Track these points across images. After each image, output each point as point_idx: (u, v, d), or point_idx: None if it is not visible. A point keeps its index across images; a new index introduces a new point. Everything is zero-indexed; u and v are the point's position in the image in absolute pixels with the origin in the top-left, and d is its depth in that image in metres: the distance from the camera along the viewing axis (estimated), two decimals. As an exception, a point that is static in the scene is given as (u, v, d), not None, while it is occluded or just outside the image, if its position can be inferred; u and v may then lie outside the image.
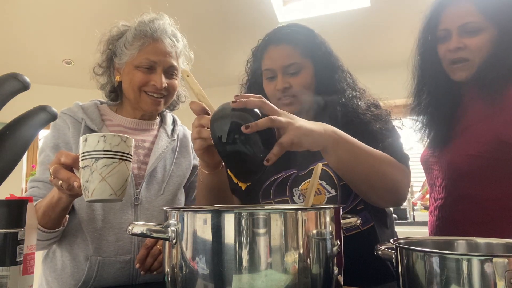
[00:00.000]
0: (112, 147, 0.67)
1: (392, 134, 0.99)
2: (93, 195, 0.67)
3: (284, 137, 0.68)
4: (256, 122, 0.65)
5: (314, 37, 1.04)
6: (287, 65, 0.99)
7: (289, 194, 1.00)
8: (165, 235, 0.55)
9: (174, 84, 1.09)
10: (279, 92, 0.99)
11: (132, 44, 1.04)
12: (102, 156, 0.66)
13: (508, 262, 0.46)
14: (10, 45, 3.57)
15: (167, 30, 1.07)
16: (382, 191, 0.88)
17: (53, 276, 1.02)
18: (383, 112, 1.03)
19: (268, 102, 0.70)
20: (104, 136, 0.67)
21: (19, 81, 0.50)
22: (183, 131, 1.24)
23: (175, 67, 1.08)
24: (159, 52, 1.04)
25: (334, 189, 0.96)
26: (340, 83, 1.03)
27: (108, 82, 1.13)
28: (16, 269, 0.54)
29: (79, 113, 1.07)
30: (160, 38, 1.05)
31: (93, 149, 0.67)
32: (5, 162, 0.51)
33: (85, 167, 0.68)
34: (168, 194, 1.09)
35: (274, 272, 0.49)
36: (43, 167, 1.03)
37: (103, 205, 1.00)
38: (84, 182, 0.68)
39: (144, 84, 1.04)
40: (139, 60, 1.04)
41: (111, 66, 1.12)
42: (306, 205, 0.65)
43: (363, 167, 0.83)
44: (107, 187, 0.67)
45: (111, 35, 1.10)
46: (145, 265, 0.92)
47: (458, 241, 0.64)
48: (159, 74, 1.04)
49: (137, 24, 1.06)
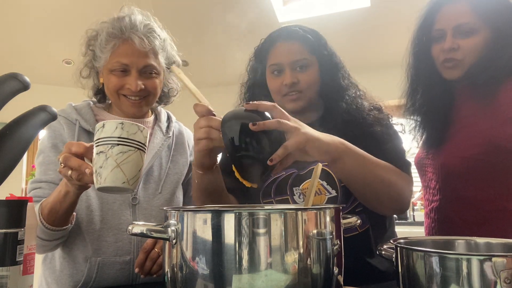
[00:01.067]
0: (129, 135, 0.66)
1: (394, 139, 0.99)
2: (105, 182, 0.66)
3: (290, 141, 0.70)
4: (264, 122, 0.68)
5: (319, 37, 1.07)
6: (296, 60, 1.00)
7: (289, 193, 1.00)
8: (165, 235, 0.54)
9: (154, 83, 1.04)
10: (287, 87, 1.00)
11: (105, 47, 1.00)
12: (118, 142, 0.66)
13: (507, 261, 0.46)
14: (10, 45, 3.57)
15: (138, 27, 1.00)
16: (386, 200, 0.89)
17: (53, 277, 1.02)
18: (385, 116, 1.04)
19: (280, 109, 0.72)
20: (122, 123, 0.66)
21: (19, 81, 0.50)
22: (178, 128, 1.22)
23: (152, 65, 1.02)
24: (130, 53, 0.99)
25: (335, 189, 0.97)
26: (344, 82, 1.05)
27: (94, 84, 1.11)
28: (16, 269, 0.54)
29: (72, 114, 1.06)
30: (129, 38, 0.99)
31: (110, 135, 0.66)
32: (5, 162, 0.51)
33: (100, 153, 0.66)
34: (166, 193, 1.08)
35: (274, 272, 0.49)
36: (43, 168, 1.02)
37: (101, 206, 1.00)
38: (98, 168, 0.67)
39: (120, 88, 1.01)
40: (112, 64, 1.00)
41: (94, 69, 1.09)
42: (306, 205, 0.65)
43: (369, 178, 0.84)
44: (121, 174, 0.65)
45: (89, 36, 1.06)
46: (144, 269, 0.91)
47: (457, 241, 0.64)
48: (133, 77, 1.00)
49: (108, 25, 1.02)
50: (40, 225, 0.87)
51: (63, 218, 0.88)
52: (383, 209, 0.92)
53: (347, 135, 0.92)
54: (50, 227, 0.88)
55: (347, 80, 1.07)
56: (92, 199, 1.00)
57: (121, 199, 1.02)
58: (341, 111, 1.01)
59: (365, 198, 0.90)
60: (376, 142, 0.95)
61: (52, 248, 0.98)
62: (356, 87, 1.08)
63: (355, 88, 1.07)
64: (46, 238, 0.90)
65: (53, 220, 0.87)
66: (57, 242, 0.94)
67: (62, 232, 0.91)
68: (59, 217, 0.87)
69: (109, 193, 0.71)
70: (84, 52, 1.08)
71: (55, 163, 1.01)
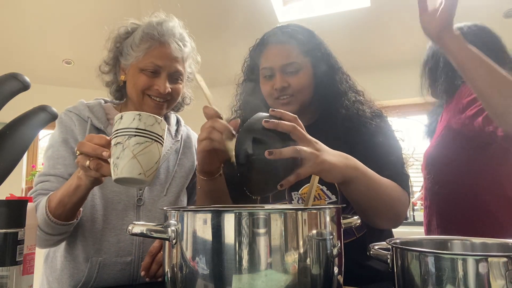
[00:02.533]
0: (146, 126, 0.66)
1: (395, 151, 0.98)
2: (122, 172, 0.65)
3: (304, 169, 0.68)
4: (281, 151, 0.65)
5: (313, 38, 1.04)
6: (285, 64, 0.98)
7: (288, 198, 1.00)
8: (165, 235, 0.54)
9: (178, 88, 1.08)
10: (277, 91, 0.99)
11: (138, 46, 1.03)
12: (135, 133, 0.65)
13: (503, 262, 0.46)
14: (10, 45, 3.57)
15: (175, 33, 1.05)
16: (385, 218, 0.90)
17: (54, 276, 1.02)
18: (387, 124, 1.02)
19: (299, 129, 0.69)
20: (139, 114, 0.66)
21: (19, 81, 0.50)
22: (186, 132, 1.23)
23: (180, 72, 1.06)
24: (165, 56, 1.02)
25: (335, 194, 0.96)
26: (341, 85, 1.02)
27: (114, 81, 1.12)
28: (16, 269, 0.54)
29: (85, 112, 1.07)
30: (167, 42, 1.03)
31: (127, 126, 0.66)
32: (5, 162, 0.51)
33: (117, 144, 0.66)
34: (171, 196, 1.08)
35: (274, 272, 0.49)
36: (52, 162, 1.01)
37: (105, 206, 0.99)
38: (115, 159, 0.66)
39: (147, 88, 1.03)
40: (144, 63, 1.02)
41: (117, 65, 1.10)
42: (306, 205, 0.65)
43: (374, 199, 0.84)
44: (137, 165, 0.65)
45: (119, 33, 1.08)
46: (149, 272, 0.91)
47: (453, 241, 0.65)
48: (163, 79, 1.03)
49: (145, 26, 1.04)
50: (45, 218, 0.86)
51: (70, 213, 0.87)
52: (380, 223, 0.93)
53: (348, 143, 0.91)
54: (56, 220, 0.87)
55: (345, 83, 1.04)
56: (97, 199, 1.00)
57: (126, 199, 1.02)
58: (341, 117, 0.99)
59: (365, 214, 0.90)
60: (377, 154, 0.94)
61: (54, 243, 0.97)
62: (355, 90, 1.05)
63: (354, 92, 1.04)
64: (49, 232, 0.89)
65: (59, 214, 0.86)
66: (60, 237, 0.94)
67: (67, 227, 0.90)
68: (66, 211, 0.86)
69: (125, 185, 0.70)
70: (110, 48, 1.09)
71: (64, 158, 1.01)
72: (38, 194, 0.96)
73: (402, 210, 0.91)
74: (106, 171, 0.71)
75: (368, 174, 0.81)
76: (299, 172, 0.68)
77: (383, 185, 0.85)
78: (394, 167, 0.94)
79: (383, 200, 0.86)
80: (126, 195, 1.02)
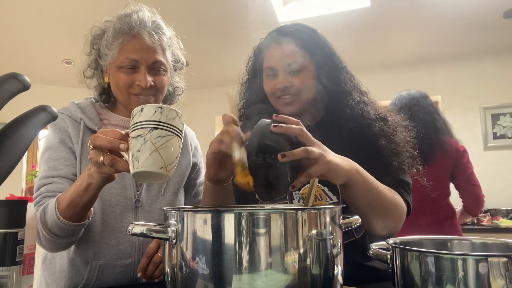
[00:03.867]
0: (167, 120, 0.64)
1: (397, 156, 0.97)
2: (143, 166, 0.62)
3: (314, 168, 0.70)
4: (292, 152, 0.67)
5: (317, 37, 1.03)
6: (288, 64, 0.98)
7: (289, 198, 1.00)
8: (165, 235, 0.54)
9: (162, 80, 1.02)
10: (280, 90, 0.99)
11: (112, 43, 0.98)
12: (157, 126, 0.63)
13: (503, 262, 0.46)
14: (10, 45, 3.57)
15: (146, 23, 0.99)
16: (382, 223, 0.90)
17: (52, 278, 1.01)
18: (391, 128, 1.00)
19: (306, 131, 0.72)
20: (161, 107, 0.64)
21: (19, 81, 0.50)
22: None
23: (161, 62, 1.01)
24: (140, 49, 0.97)
25: (336, 196, 0.96)
26: (345, 84, 1.02)
27: (98, 84, 1.09)
28: (16, 269, 0.54)
29: (77, 113, 1.04)
30: (139, 34, 0.97)
31: (148, 118, 0.64)
32: (5, 162, 0.51)
33: (138, 137, 0.63)
34: (169, 195, 1.07)
35: (274, 272, 0.49)
36: (52, 164, 0.98)
37: (103, 208, 0.97)
38: (135, 151, 0.63)
39: (129, 86, 0.99)
40: (120, 60, 0.98)
41: (98, 68, 1.07)
42: (306, 205, 0.65)
43: (372, 203, 0.85)
44: (159, 159, 0.63)
45: (93, 34, 1.05)
46: (146, 273, 0.91)
47: (453, 241, 0.65)
48: (143, 73, 0.98)
49: (115, 21, 1.00)
50: (56, 220, 0.83)
51: (81, 213, 0.84)
52: (378, 230, 0.92)
53: (351, 144, 0.91)
54: (67, 222, 0.83)
55: (349, 83, 1.03)
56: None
57: (124, 201, 1.00)
58: (345, 117, 0.98)
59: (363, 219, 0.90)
60: (380, 157, 0.94)
61: (65, 246, 0.93)
62: (360, 91, 1.04)
63: (359, 92, 1.04)
64: (61, 234, 0.86)
65: (70, 215, 0.83)
66: (71, 239, 0.91)
67: (79, 227, 0.87)
68: (78, 211, 0.82)
69: (142, 180, 0.68)
70: (88, 51, 1.06)
71: (65, 158, 0.98)
72: (44, 197, 0.93)
73: (399, 217, 0.91)
74: (121, 166, 0.68)
75: (368, 179, 0.82)
76: (310, 172, 0.70)
77: (382, 191, 0.85)
78: (396, 172, 0.94)
79: (380, 206, 0.85)
80: (124, 196, 1.00)
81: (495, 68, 3.82)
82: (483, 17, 3.16)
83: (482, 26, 3.29)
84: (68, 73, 4.08)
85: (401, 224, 0.94)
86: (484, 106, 3.83)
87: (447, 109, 3.94)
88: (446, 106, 3.95)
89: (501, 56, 3.81)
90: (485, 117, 3.82)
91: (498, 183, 3.61)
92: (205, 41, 3.47)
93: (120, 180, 1.01)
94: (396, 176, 0.94)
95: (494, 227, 3.07)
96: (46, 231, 0.86)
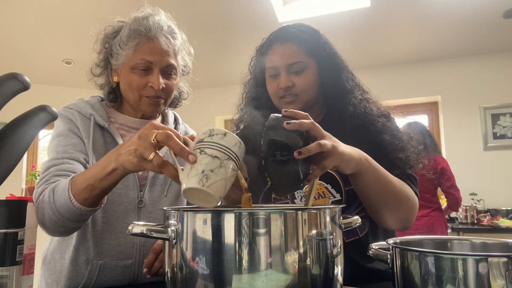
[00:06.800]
0: (239, 156, 0.65)
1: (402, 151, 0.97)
2: (210, 187, 0.61)
3: (328, 161, 0.71)
4: (308, 149, 0.67)
5: (319, 37, 1.04)
6: (291, 64, 0.99)
7: (290, 197, 1.00)
8: (165, 235, 0.55)
9: (172, 83, 1.04)
10: (282, 90, 0.99)
11: (126, 44, 0.99)
12: (233, 158, 0.64)
13: (503, 262, 0.46)
14: (10, 45, 3.57)
15: (163, 27, 1.01)
16: (395, 216, 0.91)
17: (52, 278, 1.00)
18: (394, 125, 1.02)
19: (317, 125, 0.72)
20: (240, 143, 0.65)
21: (19, 81, 0.50)
22: (184, 130, 1.21)
23: (173, 65, 1.02)
24: (155, 51, 0.99)
25: (339, 193, 0.96)
26: (347, 83, 1.03)
27: (106, 83, 1.09)
28: (16, 269, 0.54)
29: (87, 109, 1.04)
30: (155, 37, 0.99)
31: (229, 147, 0.64)
32: (5, 162, 0.51)
33: (215, 157, 0.62)
34: (171, 196, 1.07)
35: (274, 272, 0.49)
36: (61, 148, 0.96)
37: (105, 208, 0.97)
38: (208, 170, 0.61)
39: (142, 88, 1.00)
40: (135, 61, 0.98)
41: (108, 67, 1.07)
42: (306, 205, 0.65)
43: (383, 192, 0.85)
44: (223, 188, 0.62)
45: (106, 33, 1.05)
46: (152, 270, 0.90)
47: (453, 241, 0.65)
48: (156, 75, 0.99)
49: (132, 22, 1.01)
50: (67, 201, 0.80)
51: (97, 198, 0.81)
52: (388, 223, 0.93)
53: (356, 140, 0.91)
54: (79, 205, 0.80)
55: (351, 82, 1.04)
56: None
57: (127, 201, 1.00)
58: (349, 115, 0.99)
59: (377, 213, 0.90)
60: (386, 152, 0.94)
61: (69, 231, 0.90)
62: (361, 89, 1.06)
63: (360, 90, 1.05)
64: (70, 217, 0.82)
65: (85, 198, 0.80)
66: (78, 224, 0.87)
67: (90, 213, 0.84)
68: (94, 196, 0.80)
69: (188, 198, 0.66)
70: (99, 49, 1.06)
71: (75, 144, 0.97)
72: (54, 176, 0.90)
73: (411, 208, 0.91)
74: (169, 171, 0.66)
75: (377, 167, 0.84)
76: (324, 165, 0.71)
77: (392, 181, 0.86)
78: (403, 165, 0.95)
79: (391, 196, 0.86)
80: (127, 197, 1.00)
81: (495, 68, 3.82)
82: (483, 17, 3.16)
83: (482, 26, 3.29)
84: (68, 73, 4.09)
85: (413, 218, 0.93)
86: (484, 106, 3.82)
87: (447, 109, 3.95)
88: (446, 106, 3.95)
89: (501, 56, 3.81)
90: (485, 117, 3.82)
91: (498, 183, 3.62)
92: (205, 41, 3.47)
93: (124, 180, 1.00)
94: (404, 170, 0.95)
95: (494, 227, 3.08)
96: (54, 211, 0.83)
